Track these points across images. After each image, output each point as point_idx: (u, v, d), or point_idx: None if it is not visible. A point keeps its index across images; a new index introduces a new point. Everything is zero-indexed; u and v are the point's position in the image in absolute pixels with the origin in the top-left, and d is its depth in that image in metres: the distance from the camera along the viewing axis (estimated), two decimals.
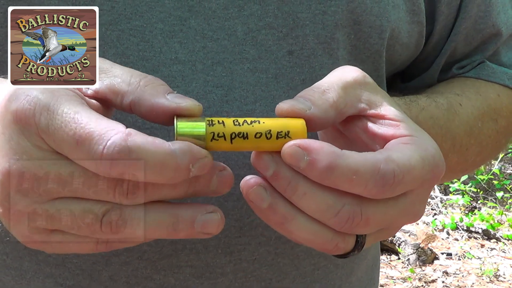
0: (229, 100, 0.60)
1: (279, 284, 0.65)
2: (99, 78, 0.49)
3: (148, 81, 0.48)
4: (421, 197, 0.50)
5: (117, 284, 0.62)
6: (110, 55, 0.59)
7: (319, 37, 0.63)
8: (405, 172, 0.46)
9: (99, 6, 0.58)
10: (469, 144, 0.73)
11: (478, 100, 0.74)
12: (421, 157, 0.48)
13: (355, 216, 0.47)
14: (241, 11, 0.61)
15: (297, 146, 0.45)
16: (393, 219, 0.49)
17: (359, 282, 0.73)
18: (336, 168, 0.45)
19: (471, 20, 0.74)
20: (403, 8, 0.68)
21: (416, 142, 0.49)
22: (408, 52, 0.71)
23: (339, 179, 0.45)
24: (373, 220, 0.47)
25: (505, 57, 0.79)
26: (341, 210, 0.47)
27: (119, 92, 0.48)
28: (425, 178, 0.48)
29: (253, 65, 0.61)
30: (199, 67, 0.60)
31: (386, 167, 0.46)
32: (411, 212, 0.50)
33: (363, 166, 0.45)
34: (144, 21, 0.60)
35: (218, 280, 0.62)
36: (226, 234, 0.61)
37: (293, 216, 0.48)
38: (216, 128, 0.47)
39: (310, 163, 0.45)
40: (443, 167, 0.50)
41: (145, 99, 0.47)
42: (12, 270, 0.64)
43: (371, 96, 0.51)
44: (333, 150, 0.45)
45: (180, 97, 0.47)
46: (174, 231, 0.47)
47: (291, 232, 0.49)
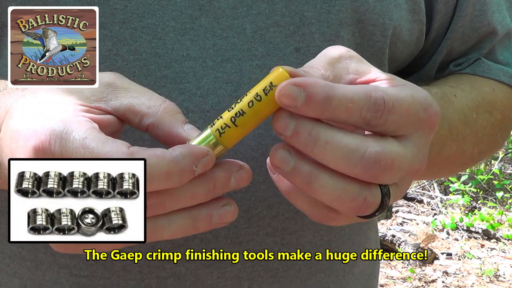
0: (238, 95, 0.62)
1: (285, 273, 0.67)
2: (119, 96, 0.51)
3: (168, 107, 0.51)
4: (424, 140, 0.50)
5: (130, 274, 0.64)
6: (123, 53, 0.61)
7: (325, 35, 0.65)
8: (394, 100, 0.47)
9: (112, 5, 0.61)
10: (465, 134, 0.74)
11: (473, 93, 0.76)
12: (411, 94, 0.49)
13: (380, 156, 0.47)
14: (249, 10, 0.63)
15: (292, 84, 0.46)
16: (408, 163, 0.49)
17: (362, 274, 0.75)
18: (333, 98, 0.46)
19: (467, 19, 0.76)
20: (404, 7, 0.70)
21: (407, 85, 0.50)
22: (409, 50, 0.73)
23: (337, 109, 0.46)
24: (396, 161, 0.48)
25: (501, 56, 0.80)
26: (366, 151, 0.47)
27: (138, 113, 0.51)
28: (420, 116, 0.49)
29: (262, 62, 0.63)
30: (209, 63, 0.62)
31: (376, 94, 0.47)
32: (419, 157, 0.50)
33: (356, 94, 0.47)
34: (157, 19, 0.62)
35: (227, 270, 0.64)
36: (235, 225, 0.63)
37: (317, 174, 0.48)
38: (218, 124, 0.49)
39: (307, 98, 0.46)
40: (437, 108, 0.50)
41: (164, 125, 0.51)
42: (28, 261, 0.66)
43: (359, 66, 0.52)
44: (327, 83, 0.47)
45: (195, 131, 0.51)
46: (195, 230, 0.50)
47: (317, 192, 0.48)
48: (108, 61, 0.60)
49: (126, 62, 0.61)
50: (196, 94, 0.61)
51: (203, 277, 0.64)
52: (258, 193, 0.63)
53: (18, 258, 0.66)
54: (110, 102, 0.51)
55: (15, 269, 0.67)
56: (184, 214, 0.50)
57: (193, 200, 0.49)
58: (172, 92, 0.61)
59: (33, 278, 0.66)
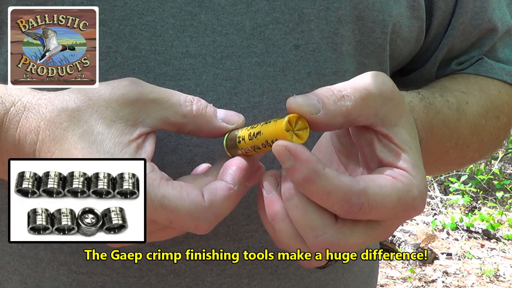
0: (237, 92, 0.62)
1: (284, 271, 0.67)
2: (150, 112, 0.52)
3: (199, 108, 0.54)
4: (393, 227, 0.53)
5: (130, 271, 0.64)
6: (123, 50, 0.61)
7: (324, 32, 0.65)
8: (373, 207, 0.49)
9: (112, 2, 0.61)
10: (471, 142, 0.75)
11: (482, 98, 0.76)
12: (398, 198, 0.50)
13: (332, 245, 0.50)
14: (249, 7, 0.64)
15: (288, 149, 0.48)
16: (365, 245, 0.52)
17: (361, 272, 0.75)
18: (311, 184, 0.48)
19: (468, 16, 0.76)
20: (403, 4, 0.70)
21: (404, 182, 0.51)
22: (409, 47, 0.73)
23: (311, 193, 0.49)
24: (348, 249, 0.51)
25: (502, 53, 0.81)
26: (321, 237, 0.50)
27: (175, 124, 0.54)
28: (398, 215, 0.51)
29: (261, 59, 0.63)
30: (209, 60, 0.62)
31: (356, 200, 0.49)
32: (381, 237, 0.53)
33: (335, 191, 0.48)
34: (156, 16, 0.62)
35: (226, 267, 0.65)
36: (234, 222, 0.63)
37: (285, 218, 0.52)
38: (242, 145, 0.53)
39: (291, 168, 0.48)
40: (420, 207, 0.52)
41: (203, 128, 0.54)
42: (28, 258, 0.66)
43: (389, 114, 0.52)
44: (316, 168, 0.48)
45: (228, 116, 0.55)
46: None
47: (275, 230, 0.52)
48: (107, 58, 0.61)
49: (125, 59, 0.61)
50: (196, 91, 0.62)
51: (203, 274, 0.64)
52: (258, 190, 0.63)
53: (18, 256, 0.67)
54: (145, 121, 0.52)
55: (15, 266, 0.67)
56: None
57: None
58: (172, 89, 0.61)
59: (33, 275, 0.66)
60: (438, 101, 0.70)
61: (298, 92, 0.64)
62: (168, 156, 0.61)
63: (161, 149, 0.61)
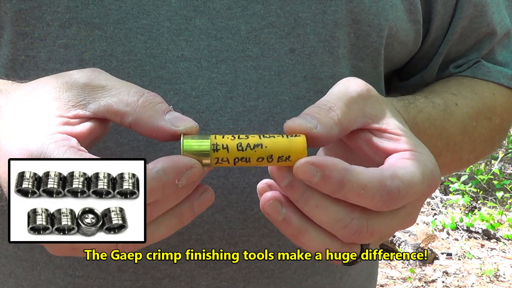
0: (233, 96, 0.62)
1: (281, 275, 0.67)
2: (96, 96, 0.50)
3: (146, 100, 0.50)
4: (417, 207, 0.53)
5: (125, 274, 0.64)
6: (118, 53, 0.61)
7: (320, 36, 0.65)
8: (408, 188, 0.49)
9: (107, 6, 0.60)
10: (463, 143, 0.75)
11: (474, 99, 0.76)
12: (422, 173, 0.50)
13: (362, 229, 0.49)
14: (244, 11, 0.63)
15: (311, 163, 0.47)
16: (392, 229, 0.52)
17: (359, 275, 0.75)
18: (347, 184, 0.47)
19: (467, 20, 0.76)
20: (400, 8, 0.70)
21: (418, 158, 0.51)
22: (406, 50, 0.73)
23: (349, 193, 0.48)
24: (377, 232, 0.50)
25: (500, 56, 0.80)
26: (350, 223, 0.49)
27: (117, 112, 0.50)
28: (424, 192, 0.51)
29: (256, 63, 0.63)
30: (204, 64, 0.62)
31: (392, 184, 0.48)
32: (407, 221, 0.53)
33: (371, 182, 0.48)
34: (151, 20, 0.61)
35: (222, 271, 0.64)
36: (230, 226, 0.63)
37: (306, 229, 0.50)
38: (220, 154, 0.48)
39: (323, 179, 0.47)
40: (439, 180, 0.53)
41: (144, 121, 0.49)
42: (23, 261, 0.66)
43: (374, 110, 0.53)
44: (345, 167, 0.47)
45: (178, 118, 0.49)
46: (181, 224, 0.51)
47: (303, 244, 0.51)
48: (103, 61, 0.60)
49: (121, 63, 0.61)
50: (191, 94, 0.61)
51: (198, 278, 0.64)
52: (253, 194, 0.62)
53: (14, 258, 0.66)
54: (88, 105, 0.50)
55: (11, 269, 0.67)
56: (169, 214, 0.50)
57: (176, 201, 0.49)
58: (167, 92, 0.61)
59: (29, 278, 0.66)
60: (421, 102, 0.70)
61: (293, 96, 0.64)
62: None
63: (156, 154, 0.60)
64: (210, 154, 0.48)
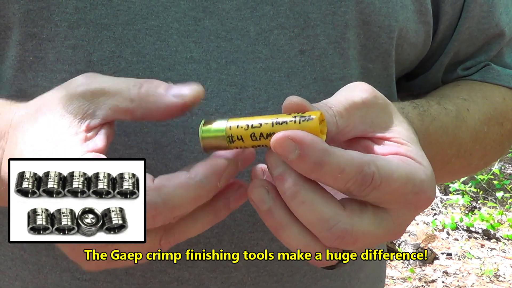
0: (242, 98, 0.62)
1: (290, 278, 0.67)
2: (100, 101, 0.50)
3: (146, 88, 0.51)
4: (403, 218, 0.51)
5: (133, 278, 0.63)
6: (127, 54, 0.60)
7: (330, 37, 0.64)
8: (384, 178, 0.47)
9: (116, 7, 0.60)
10: (474, 150, 0.74)
11: (485, 105, 0.75)
12: (407, 176, 0.48)
13: (345, 234, 0.48)
14: (253, 12, 0.63)
15: (290, 138, 0.45)
16: (377, 239, 0.50)
17: (367, 278, 0.75)
18: (325, 165, 0.46)
19: (474, 20, 0.75)
20: (411, 9, 0.69)
21: (410, 163, 0.49)
22: (416, 52, 0.73)
23: (326, 175, 0.46)
24: (361, 240, 0.49)
25: (509, 58, 0.80)
26: (335, 226, 0.48)
27: (126, 111, 0.51)
28: (407, 197, 0.49)
29: (266, 64, 0.63)
30: (213, 66, 0.62)
31: (368, 170, 0.46)
32: (394, 231, 0.51)
33: (349, 166, 0.46)
34: (160, 21, 0.61)
35: (231, 275, 0.64)
36: (239, 230, 0.63)
37: (288, 224, 0.49)
38: (237, 144, 0.49)
39: (300, 157, 0.45)
40: (431, 195, 0.50)
41: (153, 109, 0.50)
42: (30, 264, 0.65)
43: (378, 118, 0.52)
44: (324, 148, 0.46)
45: (181, 89, 0.50)
46: (217, 220, 0.52)
47: (282, 239, 0.50)
48: (111, 62, 0.60)
49: (129, 64, 0.60)
50: None
51: (207, 281, 0.64)
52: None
53: (20, 261, 0.66)
54: (95, 113, 0.50)
55: (17, 272, 0.66)
56: (206, 210, 0.51)
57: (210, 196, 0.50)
58: None
59: (35, 281, 0.65)
60: (434, 109, 0.69)
61: (304, 98, 0.63)
62: (172, 163, 0.60)
63: (165, 156, 0.60)
64: (228, 147, 0.49)
